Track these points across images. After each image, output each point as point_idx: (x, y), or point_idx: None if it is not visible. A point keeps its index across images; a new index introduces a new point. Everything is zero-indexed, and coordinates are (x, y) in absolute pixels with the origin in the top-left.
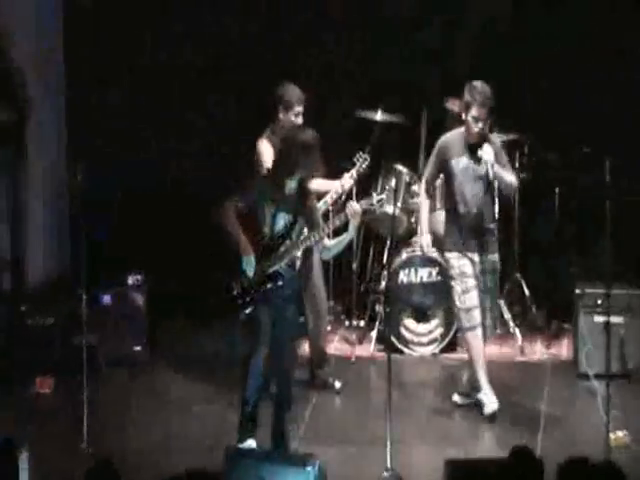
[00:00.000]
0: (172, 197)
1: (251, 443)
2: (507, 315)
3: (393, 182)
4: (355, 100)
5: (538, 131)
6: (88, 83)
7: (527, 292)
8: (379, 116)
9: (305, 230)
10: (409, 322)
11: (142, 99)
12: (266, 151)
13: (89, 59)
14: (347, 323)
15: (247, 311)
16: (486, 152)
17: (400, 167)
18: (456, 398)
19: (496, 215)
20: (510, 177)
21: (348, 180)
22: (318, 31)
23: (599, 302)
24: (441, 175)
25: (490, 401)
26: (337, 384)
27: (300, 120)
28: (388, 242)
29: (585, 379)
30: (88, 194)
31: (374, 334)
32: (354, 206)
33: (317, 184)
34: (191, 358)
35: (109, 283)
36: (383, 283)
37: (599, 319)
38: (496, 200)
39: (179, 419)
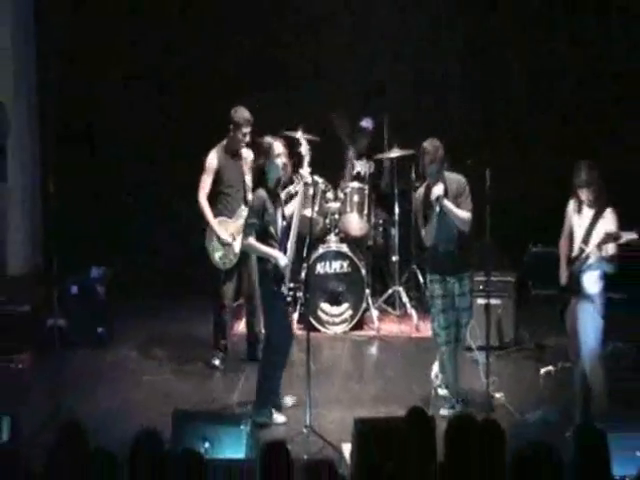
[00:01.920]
0: (130, 202)
1: (278, 417)
2: (405, 299)
3: (311, 190)
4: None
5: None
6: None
7: (421, 280)
8: (300, 135)
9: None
10: (324, 306)
11: (105, 114)
12: (212, 162)
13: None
14: None
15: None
16: (434, 192)
17: (317, 178)
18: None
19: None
20: (462, 213)
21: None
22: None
23: (481, 287)
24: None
25: (447, 405)
26: None
27: (247, 139)
28: (307, 240)
29: (469, 351)
30: (59, 201)
31: (296, 316)
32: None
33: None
34: (144, 337)
35: (76, 276)
36: (303, 273)
37: (481, 301)
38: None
39: (134, 388)
